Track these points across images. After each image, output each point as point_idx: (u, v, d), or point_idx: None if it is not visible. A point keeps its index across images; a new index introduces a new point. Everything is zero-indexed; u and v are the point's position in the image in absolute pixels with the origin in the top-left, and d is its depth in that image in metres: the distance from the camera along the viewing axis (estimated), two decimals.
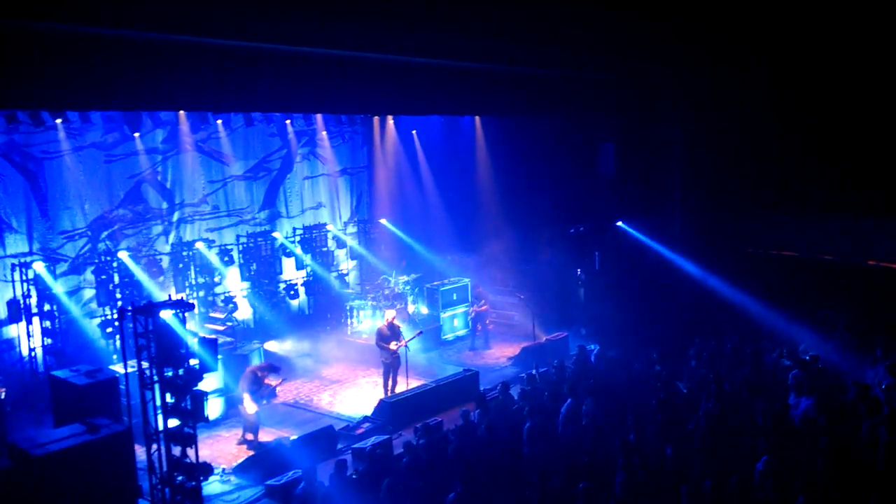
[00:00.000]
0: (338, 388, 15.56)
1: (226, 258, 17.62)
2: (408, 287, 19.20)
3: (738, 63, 16.61)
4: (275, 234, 18.92)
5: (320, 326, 18.46)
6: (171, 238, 17.37)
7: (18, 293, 14.44)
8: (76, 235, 15.76)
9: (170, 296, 11.24)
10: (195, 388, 10.12)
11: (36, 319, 14.59)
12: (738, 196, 17.92)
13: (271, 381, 12.82)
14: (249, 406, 12.56)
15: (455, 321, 18.77)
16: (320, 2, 10.94)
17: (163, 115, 16.12)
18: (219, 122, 17.36)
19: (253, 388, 12.58)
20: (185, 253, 17.23)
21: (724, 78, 16.91)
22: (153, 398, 10.09)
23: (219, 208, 18.41)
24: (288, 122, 18.93)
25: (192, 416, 10.05)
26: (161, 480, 10.13)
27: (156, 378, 10.04)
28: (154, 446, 10.15)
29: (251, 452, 12.05)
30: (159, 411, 10.14)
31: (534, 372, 13.85)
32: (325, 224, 20.20)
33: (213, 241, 17.90)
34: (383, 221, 21.21)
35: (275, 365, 13.34)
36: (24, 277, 14.46)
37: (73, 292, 15.50)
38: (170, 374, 10.05)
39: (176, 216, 17.50)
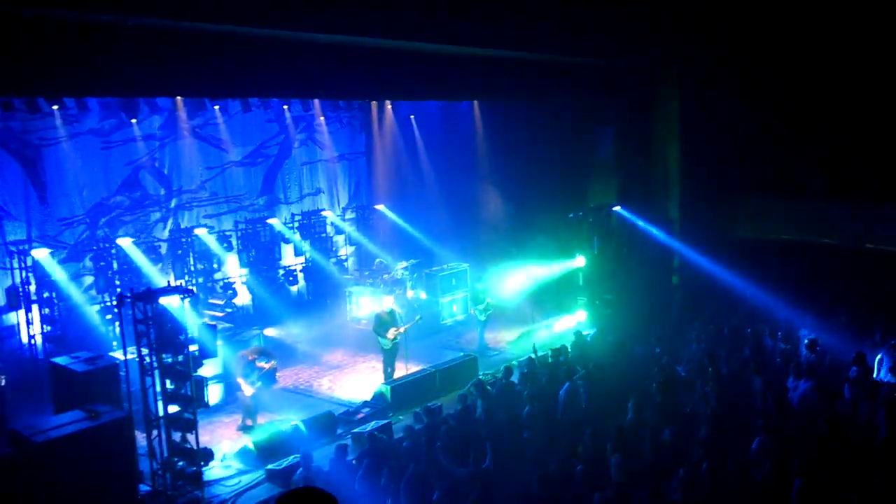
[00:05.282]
0: (337, 374, 15.58)
1: (224, 244, 17.63)
2: (406, 272, 19.19)
3: (737, 48, 16.53)
4: (270, 221, 18.90)
5: (319, 312, 18.45)
6: (170, 224, 17.35)
7: (17, 280, 14.44)
8: (74, 222, 15.74)
9: (168, 282, 11.26)
10: (195, 374, 10.19)
11: (35, 307, 14.61)
12: (736, 180, 17.90)
13: (263, 364, 12.83)
14: (246, 390, 12.64)
15: (454, 306, 18.74)
16: None
17: (160, 102, 16.05)
18: (216, 108, 17.26)
19: (246, 371, 12.63)
20: (183, 239, 17.22)
21: (722, 62, 16.83)
22: (153, 384, 10.15)
23: (217, 194, 18.38)
24: (285, 107, 18.83)
25: (193, 402, 10.12)
26: (162, 466, 10.21)
27: (156, 364, 10.10)
28: (154, 432, 10.23)
29: (251, 438, 12.09)
30: (159, 397, 10.21)
31: (532, 356, 13.89)
32: (323, 209, 20.22)
33: (213, 228, 17.88)
34: (381, 207, 21.19)
35: (264, 348, 13.38)
36: (22, 265, 14.46)
37: (72, 279, 15.49)
38: (169, 360, 10.11)
39: (174, 203, 17.48)
